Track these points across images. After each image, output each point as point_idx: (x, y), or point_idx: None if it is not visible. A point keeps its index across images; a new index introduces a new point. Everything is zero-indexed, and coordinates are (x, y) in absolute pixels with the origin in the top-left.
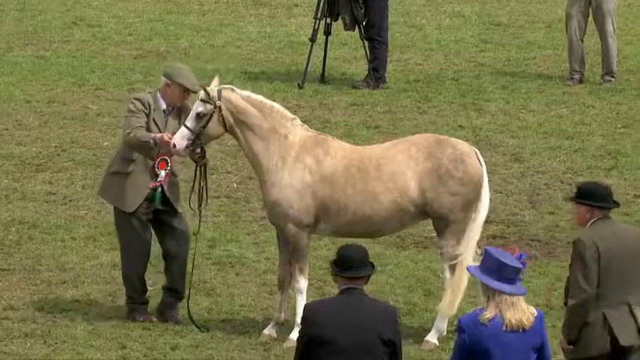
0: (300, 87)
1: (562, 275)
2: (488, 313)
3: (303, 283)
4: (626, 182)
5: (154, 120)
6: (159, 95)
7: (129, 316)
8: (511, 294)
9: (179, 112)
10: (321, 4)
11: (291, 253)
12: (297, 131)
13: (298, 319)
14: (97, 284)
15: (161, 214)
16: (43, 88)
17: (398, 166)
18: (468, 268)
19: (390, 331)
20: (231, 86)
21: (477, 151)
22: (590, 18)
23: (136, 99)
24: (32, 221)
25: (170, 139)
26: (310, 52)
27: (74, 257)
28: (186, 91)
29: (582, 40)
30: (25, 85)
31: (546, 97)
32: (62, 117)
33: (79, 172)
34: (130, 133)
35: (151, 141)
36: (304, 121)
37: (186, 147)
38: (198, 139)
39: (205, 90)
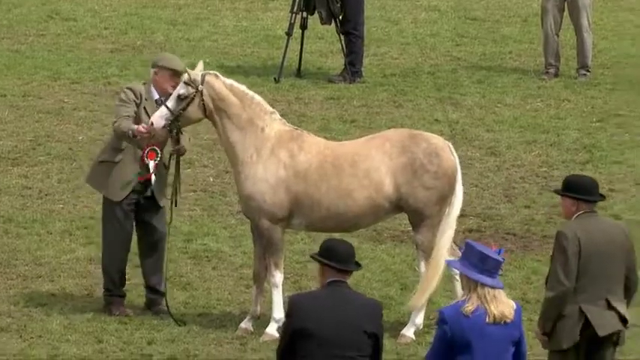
0: (277, 81)
1: (538, 269)
2: (471, 305)
3: (278, 277)
4: (601, 176)
5: (145, 109)
6: (152, 86)
7: (105, 309)
8: (493, 287)
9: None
10: None
11: (265, 247)
12: (274, 125)
13: (274, 314)
14: (73, 278)
15: (142, 209)
16: (19, 82)
17: (372, 162)
18: (448, 262)
19: (373, 325)
20: (215, 72)
21: (451, 145)
22: (566, 12)
23: (128, 88)
24: (7, 215)
25: (146, 129)
26: (286, 46)
27: (50, 251)
28: (175, 74)
29: (558, 35)
30: (0, 79)
31: (522, 91)
32: (38, 111)
33: (55, 166)
34: (116, 121)
35: (130, 132)
36: (281, 115)
37: (164, 127)
38: (177, 120)
39: (188, 72)
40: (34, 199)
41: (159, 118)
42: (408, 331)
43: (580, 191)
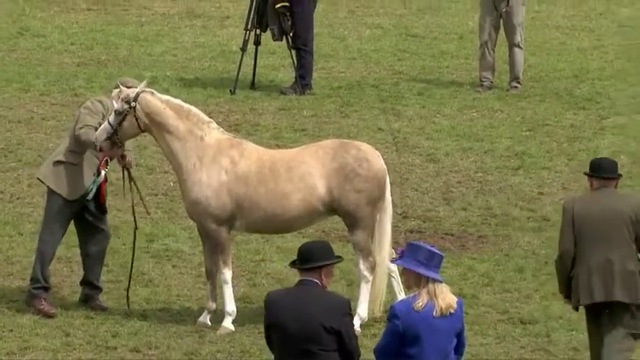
0: (232, 93)
1: (473, 266)
2: (421, 301)
3: (227, 274)
4: (531, 181)
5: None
6: (114, 102)
7: (29, 302)
8: (440, 281)
9: None
10: (251, 16)
11: (213, 248)
12: (213, 134)
13: (227, 307)
14: None
15: (88, 212)
16: None
17: (307, 167)
18: (396, 262)
19: (334, 321)
20: (151, 90)
21: (379, 153)
22: (501, 30)
23: (98, 100)
24: None
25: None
26: (241, 60)
27: (20, 251)
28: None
29: (493, 50)
30: None
31: (458, 103)
32: (9, 120)
33: (25, 172)
34: (82, 128)
35: (97, 145)
36: (236, 125)
37: (104, 140)
38: (116, 134)
39: (120, 90)
40: (6, 202)
41: (101, 131)
42: (355, 325)
43: (592, 169)
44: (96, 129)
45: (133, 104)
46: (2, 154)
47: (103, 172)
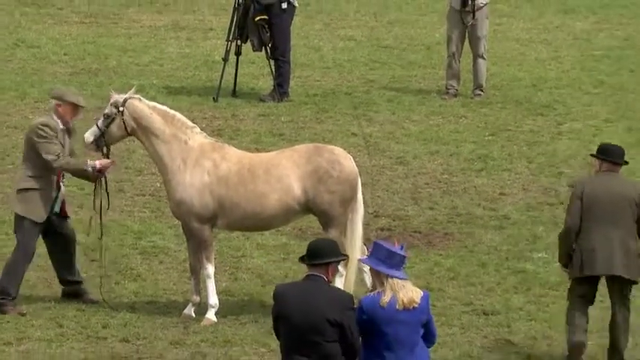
0: (215, 100)
1: (440, 261)
2: (386, 297)
3: (210, 269)
4: (493, 182)
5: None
6: (55, 117)
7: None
8: (400, 278)
9: (69, 131)
10: (233, 28)
11: (197, 245)
12: (196, 138)
13: (210, 300)
14: (35, 271)
15: (53, 223)
16: None
17: (283, 169)
18: (362, 260)
19: (337, 314)
20: (139, 96)
21: (351, 157)
22: (466, 41)
23: (44, 125)
24: None
25: (111, 161)
26: (223, 70)
27: None
28: (77, 108)
29: (459, 61)
30: None
31: (426, 109)
32: (6, 126)
33: None
34: (58, 159)
35: (91, 168)
36: (219, 130)
37: (91, 142)
38: (103, 137)
39: (111, 95)
40: (2, 202)
41: (89, 134)
42: None
43: (603, 153)
44: (65, 153)
45: (121, 109)
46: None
47: (62, 186)
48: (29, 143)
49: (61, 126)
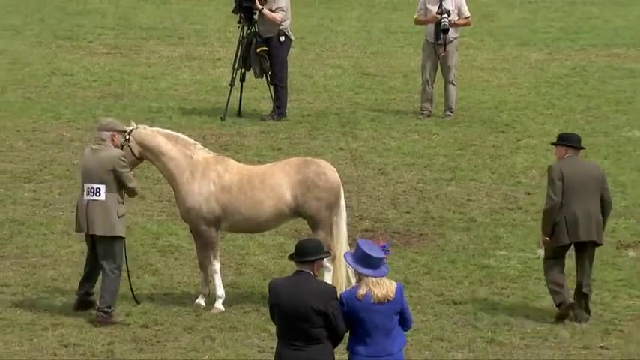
0: (223, 120)
1: (416, 258)
2: (362, 291)
3: (217, 265)
4: (462, 190)
5: None
6: (112, 146)
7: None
8: (374, 276)
9: None
10: (238, 58)
11: (204, 245)
12: (200, 153)
13: (217, 292)
14: (71, 267)
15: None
16: (29, 120)
17: (276, 179)
18: (344, 256)
19: (322, 304)
20: (144, 125)
21: (335, 169)
22: (439, 69)
23: (123, 156)
24: (21, 220)
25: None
26: (230, 93)
27: (53, 247)
28: (121, 133)
29: (432, 86)
30: (16, 119)
31: (404, 127)
32: (44, 142)
33: (57, 184)
34: (135, 187)
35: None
36: (225, 145)
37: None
38: None
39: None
40: (41, 207)
41: None
42: None
43: (567, 141)
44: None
45: (127, 137)
46: (38, 169)
47: None
48: (114, 173)
49: None
